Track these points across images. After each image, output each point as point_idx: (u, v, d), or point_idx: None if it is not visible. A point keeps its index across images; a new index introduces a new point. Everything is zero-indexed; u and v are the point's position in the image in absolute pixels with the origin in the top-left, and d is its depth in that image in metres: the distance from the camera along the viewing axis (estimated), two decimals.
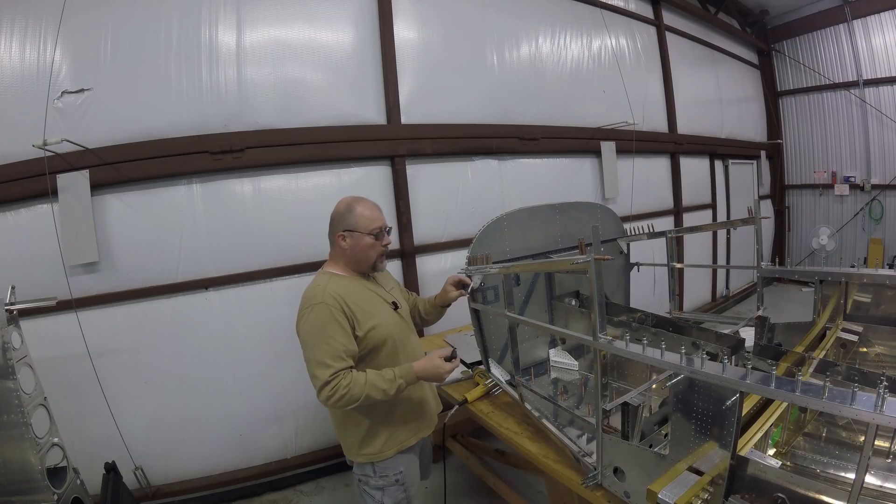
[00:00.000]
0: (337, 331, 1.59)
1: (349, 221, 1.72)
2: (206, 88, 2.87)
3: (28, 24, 2.55)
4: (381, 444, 1.73)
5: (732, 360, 1.19)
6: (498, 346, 2.30)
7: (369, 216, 1.73)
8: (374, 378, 1.58)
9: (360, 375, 1.57)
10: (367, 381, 1.56)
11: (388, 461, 1.75)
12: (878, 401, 0.92)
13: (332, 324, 1.59)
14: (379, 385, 1.57)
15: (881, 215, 6.77)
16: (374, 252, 1.74)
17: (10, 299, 1.87)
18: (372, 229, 1.72)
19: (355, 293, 1.70)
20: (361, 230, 1.71)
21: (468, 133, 3.74)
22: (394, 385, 1.59)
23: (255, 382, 3.05)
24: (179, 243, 2.84)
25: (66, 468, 1.98)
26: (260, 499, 3.10)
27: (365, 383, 1.56)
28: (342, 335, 1.59)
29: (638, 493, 1.38)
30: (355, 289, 1.73)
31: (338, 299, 1.62)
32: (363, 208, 1.74)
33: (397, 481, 1.77)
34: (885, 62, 6.39)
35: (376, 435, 1.73)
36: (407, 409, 1.79)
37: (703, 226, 4.57)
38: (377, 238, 1.74)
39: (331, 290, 1.65)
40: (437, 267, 3.63)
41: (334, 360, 1.56)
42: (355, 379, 1.55)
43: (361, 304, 1.69)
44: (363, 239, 1.72)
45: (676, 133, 5.57)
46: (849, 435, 1.62)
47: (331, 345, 1.57)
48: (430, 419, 1.92)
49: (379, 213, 1.79)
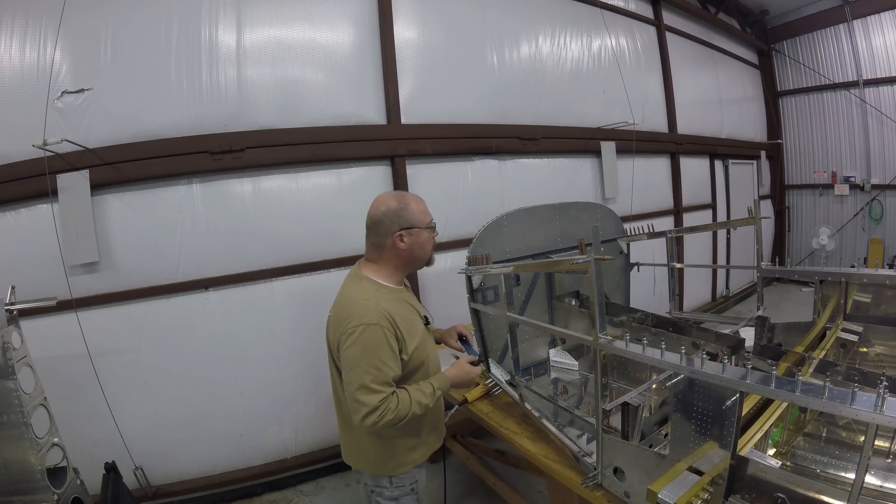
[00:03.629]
0: (389, 356, 1.49)
1: (406, 218, 1.59)
2: (206, 88, 2.87)
3: (28, 24, 2.55)
4: (406, 457, 1.69)
5: (732, 360, 1.20)
6: (498, 346, 2.30)
7: (423, 209, 1.64)
8: (417, 395, 1.54)
9: (404, 395, 1.51)
10: (412, 399, 1.52)
11: (406, 475, 1.72)
12: (878, 401, 0.92)
13: (384, 348, 1.48)
14: (422, 401, 1.54)
15: (881, 215, 6.77)
16: (429, 246, 1.67)
17: (10, 299, 1.86)
18: (429, 222, 1.65)
19: (402, 310, 1.61)
20: (420, 225, 1.61)
21: (468, 133, 3.74)
22: (434, 397, 1.58)
23: (255, 382, 3.05)
24: (179, 243, 2.84)
25: (66, 468, 1.97)
26: (260, 499, 3.10)
27: (411, 403, 1.51)
28: (393, 360, 1.50)
29: (638, 493, 1.38)
30: (401, 304, 1.63)
31: (390, 320, 1.51)
32: (416, 202, 1.63)
33: (413, 490, 1.74)
34: (885, 62, 6.39)
35: (405, 450, 1.68)
36: (432, 421, 1.77)
37: (703, 226, 4.58)
38: (433, 231, 1.67)
39: (383, 307, 1.52)
40: (437, 267, 3.61)
41: (383, 385, 1.47)
42: (402, 400, 1.49)
43: (406, 323, 1.59)
44: (422, 234, 1.62)
45: (676, 133, 5.57)
46: (849, 435, 1.62)
47: (382, 370, 1.47)
48: (441, 431, 1.90)
49: (425, 204, 1.70)
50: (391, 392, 1.49)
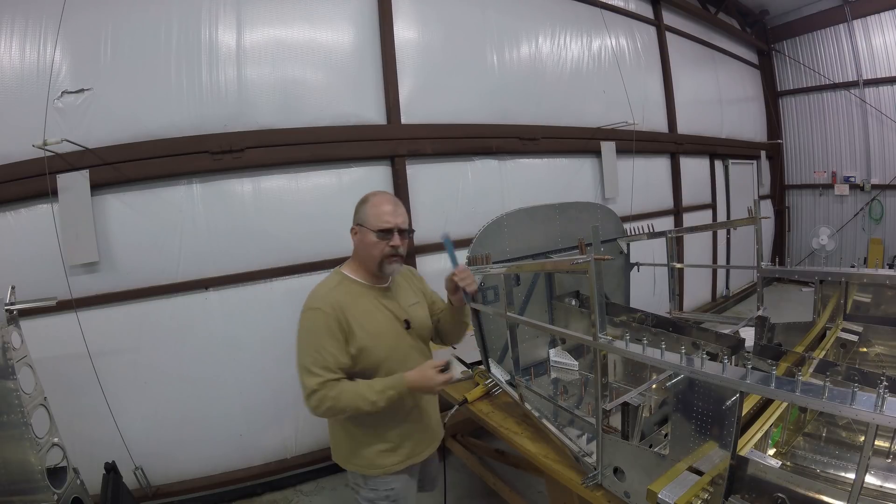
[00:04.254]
0: (328, 342, 1.50)
1: (360, 215, 1.62)
2: (206, 88, 2.87)
3: (28, 24, 2.55)
4: (376, 459, 1.64)
5: (732, 360, 1.20)
6: (498, 346, 2.30)
7: (381, 212, 1.58)
8: (363, 389, 1.50)
9: (348, 386, 1.50)
10: (357, 392, 1.49)
11: (379, 479, 1.66)
12: (878, 401, 0.92)
13: (323, 333, 1.50)
14: (368, 397, 1.48)
15: (881, 215, 6.77)
16: (376, 251, 1.58)
17: (10, 299, 1.87)
18: (379, 227, 1.57)
19: (360, 304, 1.59)
20: (367, 225, 1.59)
21: (468, 133, 3.74)
22: (384, 396, 1.50)
23: (255, 382, 3.05)
24: (179, 243, 2.84)
25: (66, 468, 1.98)
26: (260, 499, 3.10)
27: (354, 395, 1.48)
28: (334, 346, 1.50)
29: (638, 493, 1.38)
30: (363, 299, 1.60)
31: (336, 308, 1.52)
32: (377, 201, 1.61)
33: (387, 497, 1.67)
34: (885, 62, 6.39)
35: (375, 452, 1.64)
36: (406, 427, 1.68)
37: (703, 226, 4.58)
38: (383, 237, 1.57)
39: (334, 295, 1.55)
40: (437, 267, 3.62)
41: (322, 370, 1.48)
42: (343, 389, 1.48)
43: (363, 318, 1.57)
44: (368, 234, 1.58)
45: (676, 133, 5.57)
46: (849, 435, 1.62)
47: (321, 354, 1.49)
48: (428, 443, 1.78)
49: (393, 209, 1.60)
50: (333, 378, 1.49)
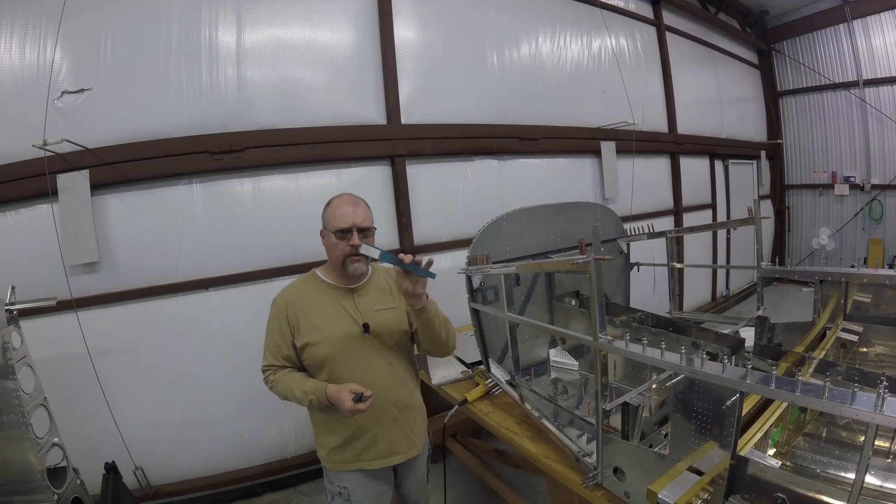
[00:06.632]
0: (275, 332, 1.67)
1: (324, 217, 1.71)
2: (206, 88, 2.87)
3: (28, 24, 2.55)
4: (331, 453, 1.71)
5: (732, 360, 1.20)
6: (498, 346, 2.29)
7: (340, 213, 1.64)
8: (294, 383, 1.61)
9: (285, 376, 1.64)
10: (288, 385, 1.61)
11: (333, 473, 1.74)
12: (878, 401, 0.92)
13: (273, 324, 1.68)
14: (295, 393, 1.59)
15: (881, 215, 6.77)
16: (337, 251, 1.64)
17: (10, 299, 1.86)
18: (337, 227, 1.63)
19: (318, 303, 1.67)
20: (329, 227, 1.67)
21: (468, 133, 3.73)
22: (305, 398, 1.57)
23: (256, 382, 3.00)
24: (179, 243, 2.84)
25: (66, 468, 1.97)
26: (260, 499, 3.10)
27: (285, 387, 1.62)
28: (279, 338, 1.66)
29: (638, 493, 1.38)
30: (323, 298, 1.68)
31: (289, 303, 1.67)
32: (337, 203, 1.68)
33: (340, 494, 1.72)
34: (885, 62, 6.39)
35: (329, 447, 1.71)
36: (352, 429, 1.67)
37: (703, 226, 4.57)
38: (342, 237, 1.63)
39: (290, 292, 1.71)
40: (437, 267, 3.59)
41: (272, 355, 1.68)
42: (279, 378, 1.65)
43: (313, 316, 1.65)
44: (329, 236, 1.68)
45: (676, 133, 5.57)
46: (849, 435, 1.62)
47: (271, 341, 1.68)
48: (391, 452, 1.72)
49: (352, 210, 1.64)
50: (277, 365, 1.67)
